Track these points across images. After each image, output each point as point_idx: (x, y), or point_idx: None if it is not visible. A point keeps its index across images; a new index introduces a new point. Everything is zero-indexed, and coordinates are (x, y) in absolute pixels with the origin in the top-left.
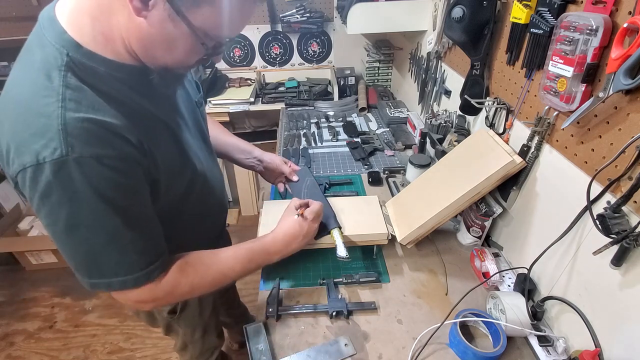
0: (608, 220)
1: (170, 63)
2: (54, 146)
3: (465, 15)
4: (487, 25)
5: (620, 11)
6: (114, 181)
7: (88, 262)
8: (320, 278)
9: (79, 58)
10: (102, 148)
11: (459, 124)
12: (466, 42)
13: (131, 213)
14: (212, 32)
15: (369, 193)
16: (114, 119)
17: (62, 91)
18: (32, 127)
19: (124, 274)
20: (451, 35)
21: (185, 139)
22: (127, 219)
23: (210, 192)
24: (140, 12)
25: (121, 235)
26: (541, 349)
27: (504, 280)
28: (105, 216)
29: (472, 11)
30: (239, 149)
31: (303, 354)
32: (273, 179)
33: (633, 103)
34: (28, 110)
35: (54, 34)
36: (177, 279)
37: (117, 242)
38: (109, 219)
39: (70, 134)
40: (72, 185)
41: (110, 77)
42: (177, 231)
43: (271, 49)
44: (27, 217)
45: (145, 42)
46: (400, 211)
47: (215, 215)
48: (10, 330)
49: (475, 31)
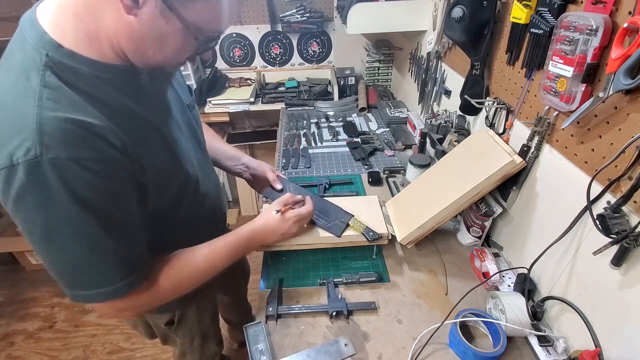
0: (608, 220)
1: (161, 61)
2: (28, 146)
3: (465, 15)
4: (487, 25)
5: (620, 11)
6: (93, 185)
7: (67, 272)
8: (320, 278)
9: (58, 58)
10: (82, 150)
11: (459, 124)
12: (466, 42)
13: (113, 220)
14: (206, 27)
15: (369, 193)
16: (96, 120)
17: (40, 90)
18: (9, 128)
19: (106, 285)
20: (451, 35)
21: (177, 142)
22: (108, 226)
23: (205, 197)
24: (131, 9)
25: (102, 243)
26: (541, 349)
27: (504, 280)
28: (84, 223)
29: (472, 11)
30: (227, 155)
31: (303, 354)
32: (259, 187)
33: (633, 103)
34: (6, 111)
35: (34, 35)
36: (160, 285)
37: (98, 251)
38: (88, 226)
39: (46, 134)
40: (47, 188)
41: (93, 78)
42: (170, 236)
43: (271, 49)
44: None
45: (136, 40)
46: (400, 211)
47: (210, 220)
48: (10, 330)
49: (475, 31)
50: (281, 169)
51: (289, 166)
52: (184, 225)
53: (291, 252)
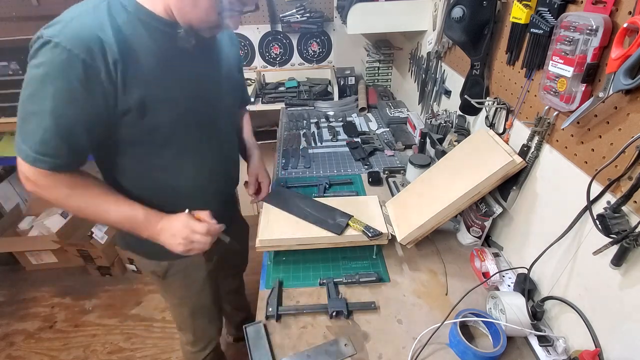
0: (608, 220)
1: (195, 19)
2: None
3: (465, 15)
4: (487, 25)
5: (620, 11)
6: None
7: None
8: (320, 278)
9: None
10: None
11: (459, 124)
12: (466, 42)
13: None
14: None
15: (369, 193)
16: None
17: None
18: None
19: (31, 149)
20: (451, 35)
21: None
22: (58, 110)
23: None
24: None
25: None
26: (541, 349)
27: (504, 280)
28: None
29: (472, 11)
30: (245, 144)
31: (303, 354)
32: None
33: (633, 103)
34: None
35: None
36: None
37: (40, 120)
38: (48, 99)
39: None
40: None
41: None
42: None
43: (271, 49)
44: (27, 217)
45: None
46: (400, 211)
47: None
48: (10, 330)
49: (475, 31)
50: (281, 169)
51: (288, 166)
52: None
53: (291, 252)
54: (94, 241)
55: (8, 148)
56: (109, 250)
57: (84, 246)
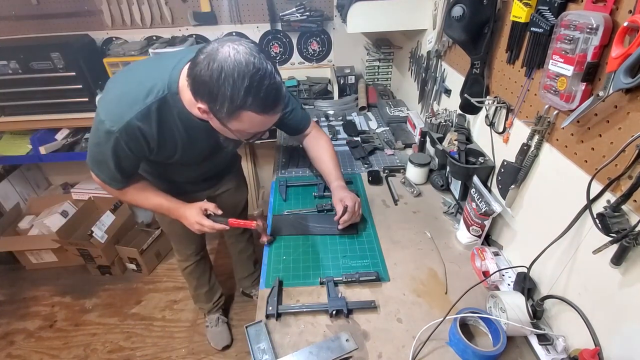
0: (608, 219)
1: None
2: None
3: (465, 14)
4: (487, 24)
5: (621, 10)
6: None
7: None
8: (320, 277)
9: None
10: (128, 139)
11: (458, 122)
12: (466, 40)
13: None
14: (246, 131)
15: (369, 192)
16: (147, 128)
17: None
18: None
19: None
20: (451, 34)
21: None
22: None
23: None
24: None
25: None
26: (541, 347)
27: (503, 279)
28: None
29: (472, 10)
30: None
31: (305, 351)
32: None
33: (633, 102)
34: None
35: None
36: (125, 193)
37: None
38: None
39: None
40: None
41: (173, 108)
42: (169, 172)
43: (271, 48)
44: (27, 216)
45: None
46: None
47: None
48: (11, 329)
49: (476, 30)
50: (281, 169)
51: (288, 165)
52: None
53: (291, 252)
54: (94, 240)
55: (8, 147)
56: (109, 250)
57: (84, 245)
